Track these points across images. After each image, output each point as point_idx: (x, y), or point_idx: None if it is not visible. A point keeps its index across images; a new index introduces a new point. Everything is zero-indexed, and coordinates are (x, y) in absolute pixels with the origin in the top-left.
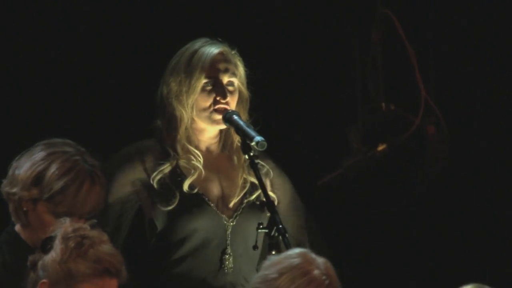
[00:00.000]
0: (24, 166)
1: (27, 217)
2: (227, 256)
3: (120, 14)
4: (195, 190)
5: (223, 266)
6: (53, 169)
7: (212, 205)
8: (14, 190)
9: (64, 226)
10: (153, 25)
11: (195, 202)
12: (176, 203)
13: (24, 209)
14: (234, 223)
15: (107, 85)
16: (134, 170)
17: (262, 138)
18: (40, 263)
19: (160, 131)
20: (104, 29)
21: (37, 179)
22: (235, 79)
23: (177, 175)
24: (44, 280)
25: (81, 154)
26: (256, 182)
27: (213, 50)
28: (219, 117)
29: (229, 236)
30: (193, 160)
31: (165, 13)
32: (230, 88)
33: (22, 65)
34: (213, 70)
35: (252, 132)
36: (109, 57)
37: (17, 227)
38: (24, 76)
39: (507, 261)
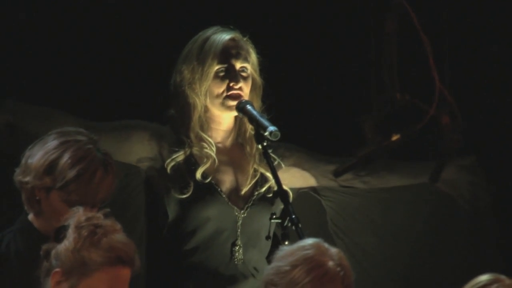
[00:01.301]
0: (37, 155)
1: (40, 205)
2: (237, 248)
3: (130, 7)
4: (208, 180)
5: (233, 257)
6: (66, 157)
7: (224, 196)
8: (27, 179)
9: (77, 215)
10: (165, 18)
11: (208, 191)
12: (191, 191)
13: (37, 197)
14: (245, 215)
15: (121, 78)
16: (151, 145)
17: (276, 128)
18: (53, 252)
19: (174, 120)
20: (115, 24)
21: (50, 168)
22: (248, 65)
23: (191, 164)
24: (57, 269)
25: (94, 143)
26: (267, 173)
27: (225, 36)
28: (233, 103)
29: (240, 228)
30: (206, 148)
31: (176, 6)
32: (243, 74)
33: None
34: (225, 56)
35: (265, 122)
36: (121, 50)
37: (30, 216)
38: (38, 71)
39: None
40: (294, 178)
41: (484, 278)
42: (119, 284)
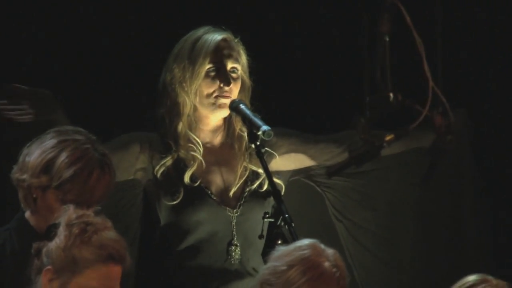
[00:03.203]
0: (35, 153)
1: (36, 204)
2: (233, 247)
3: (120, 3)
4: (197, 183)
5: (229, 257)
6: (63, 157)
7: (215, 198)
8: (24, 176)
9: (68, 213)
10: (154, 16)
11: (197, 195)
12: (180, 197)
13: (34, 196)
14: (238, 213)
15: (108, 76)
16: (143, 156)
17: (269, 128)
18: (44, 250)
19: (162, 119)
20: (104, 20)
21: (47, 167)
22: (238, 65)
23: (180, 168)
24: (49, 267)
25: (92, 143)
26: (258, 170)
27: (217, 36)
28: (223, 100)
29: (235, 227)
30: (192, 149)
31: (166, 3)
32: (233, 75)
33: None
34: (217, 56)
35: (258, 122)
36: (109, 48)
37: (27, 214)
38: (26, 69)
39: None
40: (288, 161)
41: (471, 278)
42: (110, 282)
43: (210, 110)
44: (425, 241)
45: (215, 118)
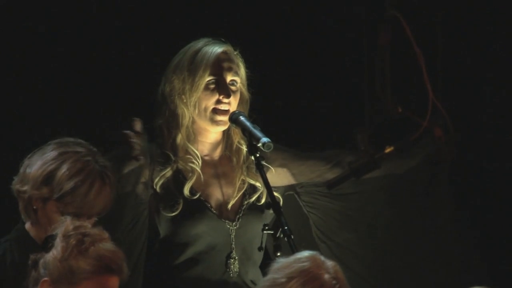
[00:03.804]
0: (36, 165)
1: (37, 215)
2: (232, 260)
3: (119, 13)
4: (197, 196)
5: (228, 270)
6: (64, 169)
7: (215, 211)
8: (25, 188)
9: (65, 224)
10: (153, 26)
11: (197, 208)
12: (179, 209)
13: (34, 207)
14: (237, 226)
15: (107, 85)
16: (144, 171)
17: (269, 140)
18: (41, 261)
19: (161, 130)
20: (104, 28)
21: (48, 179)
22: (238, 78)
23: (179, 180)
24: (46, 278)
25: (93, 155)
26: (256, 184)
27: (217, 49)
28: (220, 118)
29: (234, 240)
30: (191, 161)
31: (164, 14)
32: (233, 87)
33: (25, 64)
34: (217, 69)
35: (258, 133)
36: (109, 58)
37: (27, 225)
38: (26, 75)
39: None
40: (280, 175)
41: None
42: None
43: (208, 125)
44: (408, 260)
45: (213, 131)
